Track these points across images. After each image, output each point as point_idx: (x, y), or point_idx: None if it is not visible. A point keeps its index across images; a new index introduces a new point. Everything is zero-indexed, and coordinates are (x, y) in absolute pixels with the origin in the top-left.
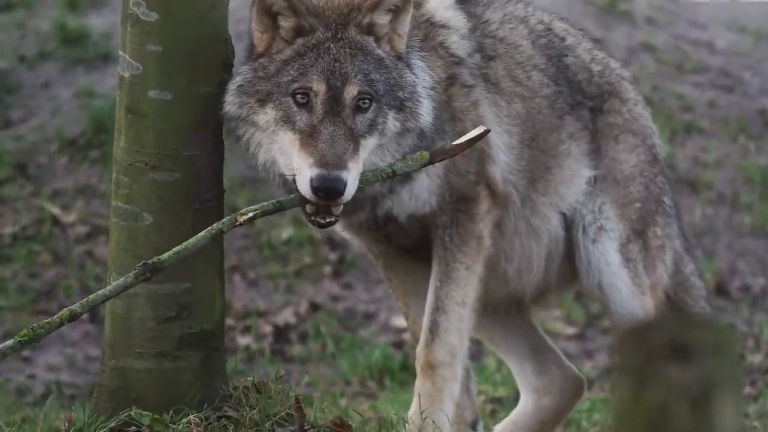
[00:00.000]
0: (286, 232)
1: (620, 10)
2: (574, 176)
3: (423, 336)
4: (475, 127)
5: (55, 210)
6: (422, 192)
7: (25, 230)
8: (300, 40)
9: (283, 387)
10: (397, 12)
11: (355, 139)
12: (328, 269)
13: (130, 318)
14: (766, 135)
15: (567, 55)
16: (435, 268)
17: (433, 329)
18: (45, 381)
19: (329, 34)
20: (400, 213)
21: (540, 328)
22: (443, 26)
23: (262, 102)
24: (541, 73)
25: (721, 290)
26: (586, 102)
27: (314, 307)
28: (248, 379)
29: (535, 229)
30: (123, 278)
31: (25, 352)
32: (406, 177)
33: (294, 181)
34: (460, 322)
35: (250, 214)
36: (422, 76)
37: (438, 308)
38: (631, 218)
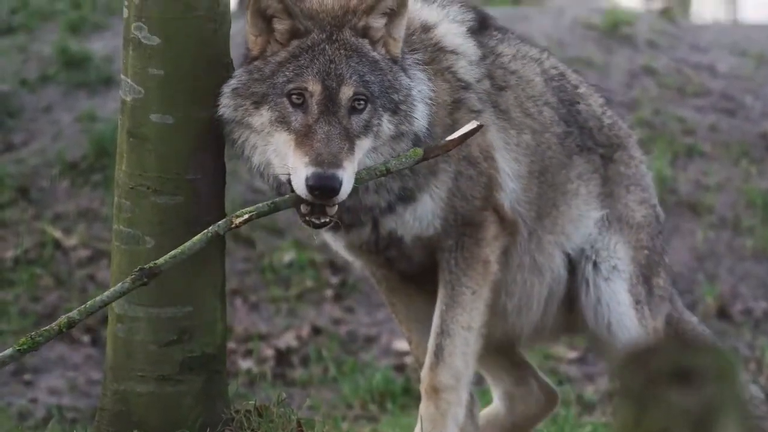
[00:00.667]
0: (288, 256)
1: (622, 33)
2: (582, 217)
3: (428, 359)
4: (482, 152)
5: (57, 233)
6: (426, 214)
7: (26, 254)
8: (295, 42)
9: (285, 410)
10: (392, 16)
11: (350, 138)
12: (329, 293)
13: (132, 341)
14: None
15: (579, 102)
16: (441, 292)
17: (438, 353)
18: (47, 405)
19: (324, 36)
20: (404, 234)
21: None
22: (452, 52)
23: (257, 104)
24: (552, 110)
25: (723, 314)
26: (596, 148)
27: (316, 330)
28: (250, 402)
29: (539, 265)
30: (120, 284)
31: (27, 376)
32: (409, 199)
33: (289, 182)
34: (465, 347)
35: (246, 216)
36: (419, 82)
37: (443, 332)
38: (641, 263)
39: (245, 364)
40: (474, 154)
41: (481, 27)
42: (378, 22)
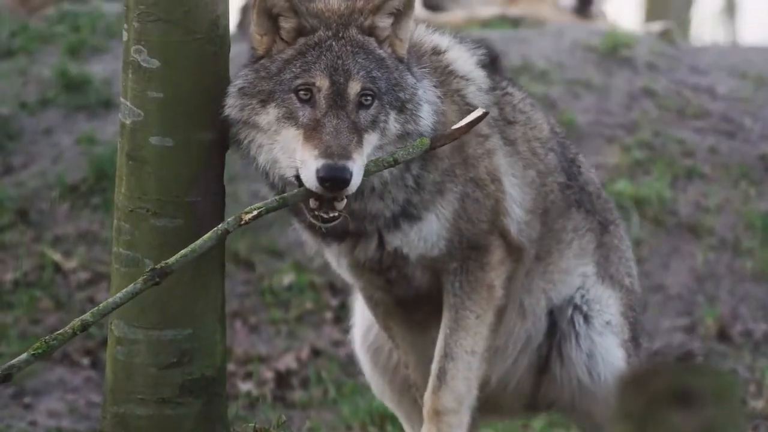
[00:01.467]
0: (288, 278)
1: (621, 56)
2: (572, 270)
3: (431, 382)
4: (489, 175)
5: (57, 256)
6: (431, 234)
7: (26, 276)
8: (302, 40)
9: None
10: (398, 16)
11: (359, 132)
12: (329, 315)
13: (132, 364)
14: None
15: (580, 167)
16: (445, 315)
17: (441, 376)
18: (46, 427)
19: (330, 33)
20: (410, 252)
21: None
22: (462, 77)
23: (264, 102)
24: (556, 158)
25: (722, 335)
26: (594, 212)
27: (316, 352)
28: (250, 425)
29: (524, 307)
30: (132, 284)
31: (27, 399)
32: (414, 217)
33: (296, 178)
34: (468, 371)
35: (255, 212)
36: (425, 84)
37: (447, 355)
38: (630, 321)
39: (245, 386)
40: (481, 176)
41: (492, 64)
42: (384, 22)
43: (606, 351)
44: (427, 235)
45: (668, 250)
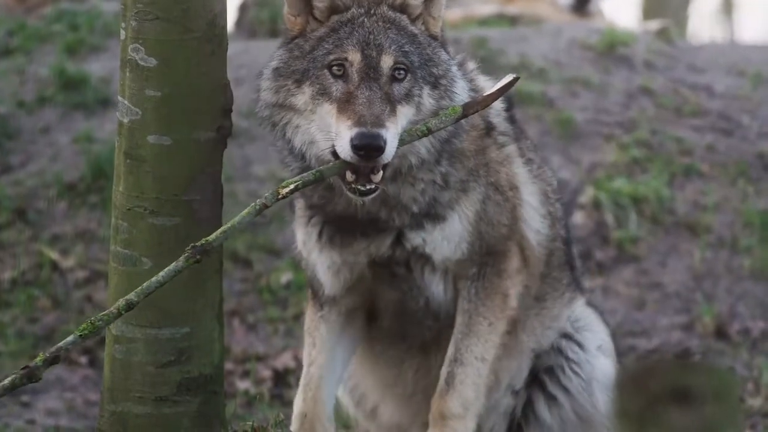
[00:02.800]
0: (286, 276)
1: (619, 54)
2: (559, 317)
3: (439, 386)
4: (508, 182)
5: (54, 255)
6: (454, 235)
7: (24, 275)
8: (334, 17)
9: (283, 431)
10: None
11: (391, 103)
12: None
13: (130, 363)
14: (766, 178)
15: (570, 232)
16: (458, 320)
17: (450, 380)
18: (44, 426)
19: (362, 11)
20: (433, 253)
21: None
22: (482, 91)
23: (299, 81)
24: (561, 211)
25: (720, 334)
26: (578, 278)
27: None
28: (248, 423)
29: (519, 341)
30: (174, 263)
31: (25, 397)
32: (439, 217)
33: (333, 154)
34: (477, 377)
35: (291, 186)
36: (454, 64)
37: (456, 360)
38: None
39: (243, 384)
40: (501, 182)
41: (507, 110)
42: (416, 0)
43: (602, 370)
44: (450, 235)
45: (666, 249)
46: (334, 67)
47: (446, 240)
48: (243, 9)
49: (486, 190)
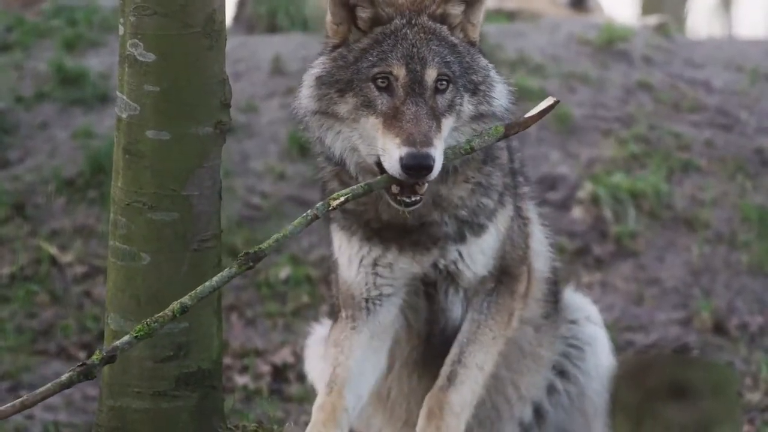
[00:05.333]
0: (284, 272)
1: (617, 49)
2: (540, 373)
3: (439, 382)
4: (525, 210)
5: (53, 250)
6: (488, 248)
7: (22, 270)
8: (378, 29)
9: (282, 426)
10: (471, 2)
11: (437, 117)
12: (325, 308)
13: (128, 357)
14: (764, 174)
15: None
16: (464, 328)
17: (452, 377)
18: (43, 421)
19: (404, 21)
20: (466, 268)
21: None
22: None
23: (342, 91)
24: (553, 256)
25: (718, 329)
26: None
27: None
28: (247, 417)
29: (539, 356)
30: (227, 269)
31: (23, 392)
32: (480, 226)
33: (377, 165)
34: (475, 384)
35: (341, 199)
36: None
37: (459, 361)
38: None
39: (241, 379)
40: (522, 208)
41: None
42: (456, 9)
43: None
44: (485, 248)
45: (664, 244)
46: (379, 80)
47: (482, 253)
48: (241, 4)
49: (514, 210)
